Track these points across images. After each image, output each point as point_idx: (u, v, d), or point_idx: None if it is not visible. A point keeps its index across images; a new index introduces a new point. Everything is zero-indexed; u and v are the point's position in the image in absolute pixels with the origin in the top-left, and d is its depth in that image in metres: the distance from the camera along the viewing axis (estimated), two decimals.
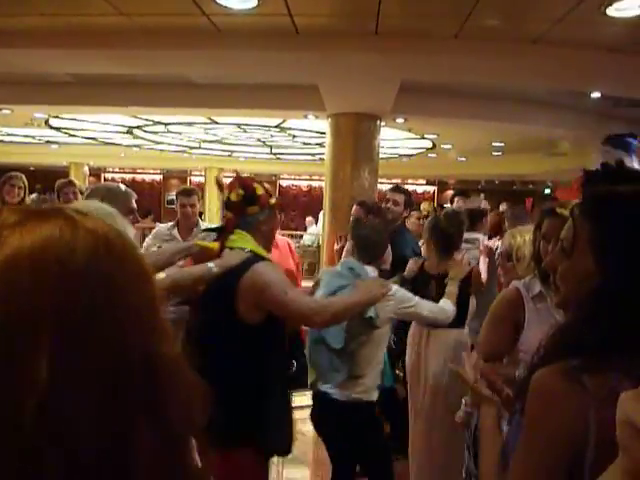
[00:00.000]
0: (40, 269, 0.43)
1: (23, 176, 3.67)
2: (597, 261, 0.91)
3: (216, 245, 1.98)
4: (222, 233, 1.99)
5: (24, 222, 0.46)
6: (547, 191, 16.52)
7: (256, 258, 1.89)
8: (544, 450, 0.87)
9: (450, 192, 12.50)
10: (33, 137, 9.60)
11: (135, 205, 2.42)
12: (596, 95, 4.88)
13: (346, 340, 2.29)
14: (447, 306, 2.47)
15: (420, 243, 3.45)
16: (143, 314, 0.49)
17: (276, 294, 1.82)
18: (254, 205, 1.96)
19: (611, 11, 2.83)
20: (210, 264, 1.83)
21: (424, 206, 5.83)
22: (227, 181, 2.07)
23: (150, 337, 0.49)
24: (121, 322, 0.46)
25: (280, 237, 3.72)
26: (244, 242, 1.93)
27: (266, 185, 2.05)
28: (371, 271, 2.38)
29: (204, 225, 4.31)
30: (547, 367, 0.88)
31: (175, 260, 2.12)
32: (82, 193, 4.02)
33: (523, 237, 2.17)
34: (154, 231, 4.32)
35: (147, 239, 4.32)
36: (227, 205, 1.98)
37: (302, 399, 4.93)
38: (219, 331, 1.85)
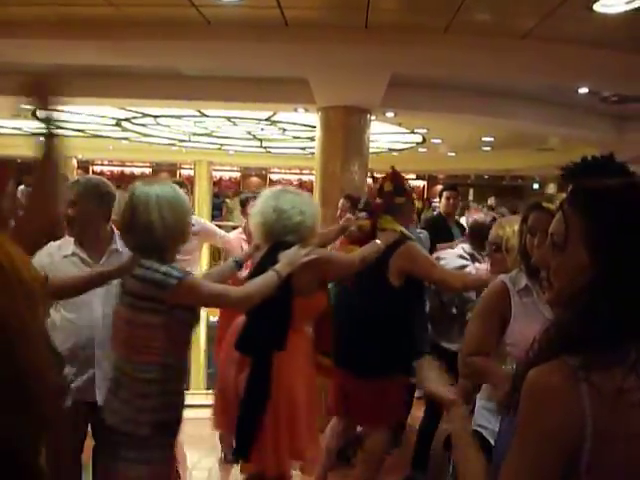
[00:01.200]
0: None
1: None
2: (591, 255, 0.90)
3: (368, 223, 2.59)
4: (372, 214, 2.59)
5: None
6: (535, 186, 16.66)
7: (406, 238, 2.52)
8: (539, 448, 0.86)
9: (439, 187, 12.55)
10: (19, 129, 9.49)
11: None
12: (583, 91, 4.92)
13: (461, 306, 2.89)
14: None
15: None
16: None
17: (424, 265, 2.51)
18: (402, 196, 2.58)
19: (598, 7, 2.85)
20: (378, 242, 2.40)
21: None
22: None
23: None
24: None
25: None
26: (393, 224, 2.53)
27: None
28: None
29: (192, 219, 4.29)
30: (542, 365, 0.88)
31: (340, 235, 2.76)
32: None
33: (512, 228, 2.17)
34: None
35: None
36: (379, 193, 2.60)
37: None
38: (374, 292, 2.53)
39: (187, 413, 1.88)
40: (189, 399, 1.97)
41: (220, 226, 4.98)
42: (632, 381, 0.83)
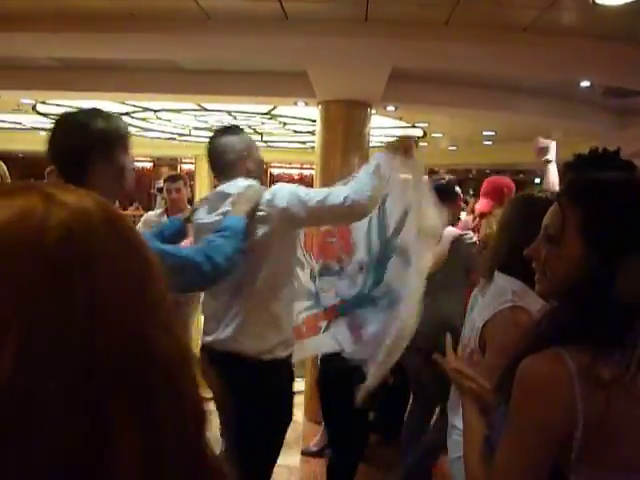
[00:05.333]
0: (1, 254, 0.39)
1: (2, 164, 3.37)
2: (588, 247, 0.91)
3: None
4: None
5: None
6: (537, 180, 16.61)
7: None
8: (530, 436, 0.87)
9: None
10: (20, 123, 9.47)
11: None
12: (585, 84, 4.89)
13: None
14: None
15: None
16: (128, 297, 0.44)
17: None
18: None
19: None
20: None
21: None
22: None
23: (140, 321, 0.44)
24: (99, 306, 0.42)
25: None
26: None
27: None
28: None
29: None
30: (534, 354, 0.89)
31: None
32: None
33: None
34: (143, 218, 4.31)
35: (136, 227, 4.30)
36: None
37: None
38: None
39: None
40: None
41: None
42: (627, 372, 0.83)
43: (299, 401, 4.69)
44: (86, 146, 1.50)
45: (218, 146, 2.12)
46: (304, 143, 10.66)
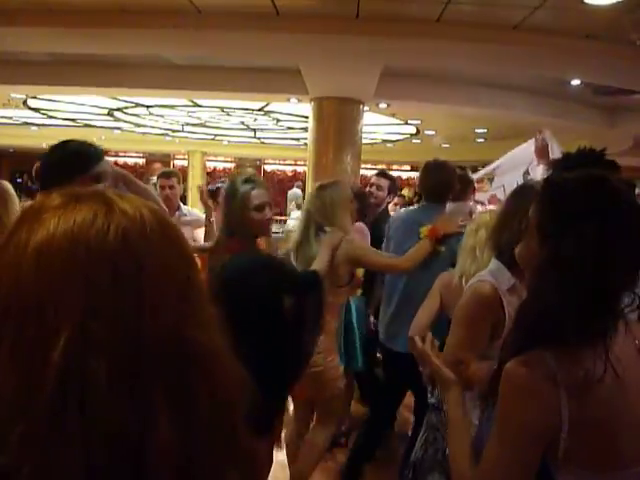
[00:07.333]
0: (69, 254, 0.45)
1: None
2: (541, 244, 0.92)
3: None
4: None
5: (64, 206, 0.48)
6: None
7: None
8: (518, 438, 0.88)
9: None
10: (10, 118, 9.39)
11: None
12: (576, 82, 4.92)
13: None
14: None
15: None
16: (174, 298, 0.49)
17: None
18: None
19: None
20: None
21: (405, 192, 5.86)
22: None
23: (182, 321, 0.49)
24: (147, 305, 0.47)
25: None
26: None
27: None
28: None
29: (185, 209, 4.27)
30: (518, 357, 0.89)
31: None
32: None
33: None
34: None
35: None
36: None
37: None
38: None
39: None
40: None
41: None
42: (608, 370, 0.84)
43: None
44: (446, 183, 2.53)
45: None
46: (297, 140, 10.65)
